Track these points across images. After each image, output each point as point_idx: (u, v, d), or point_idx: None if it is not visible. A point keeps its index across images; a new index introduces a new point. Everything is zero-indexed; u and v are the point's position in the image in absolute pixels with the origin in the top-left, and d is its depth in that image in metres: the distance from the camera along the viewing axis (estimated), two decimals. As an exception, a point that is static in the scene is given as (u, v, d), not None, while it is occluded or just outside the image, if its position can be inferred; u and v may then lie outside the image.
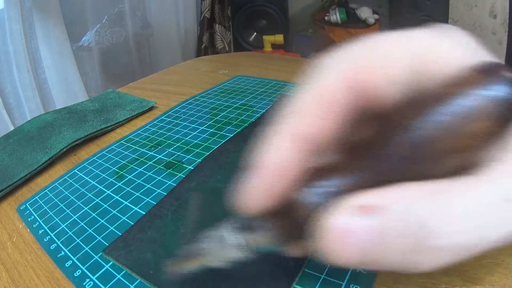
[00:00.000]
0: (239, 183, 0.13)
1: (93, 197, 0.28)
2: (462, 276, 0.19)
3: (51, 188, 0.30)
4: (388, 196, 0.11)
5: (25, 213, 0.27)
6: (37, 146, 0.36)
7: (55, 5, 0.89)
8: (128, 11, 1.16)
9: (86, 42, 1.05)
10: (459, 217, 0.10)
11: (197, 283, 0.19)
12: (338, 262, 0.11)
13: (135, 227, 0.23)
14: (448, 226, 0.10)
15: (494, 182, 0.11)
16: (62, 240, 0.24)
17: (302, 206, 0.12)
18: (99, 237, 0.24)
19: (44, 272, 0.22)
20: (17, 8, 0.80)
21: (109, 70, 1.14)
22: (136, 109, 0.44)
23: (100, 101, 0.47)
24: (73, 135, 0.37)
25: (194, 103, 0.45)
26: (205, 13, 1.43)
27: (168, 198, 0.26)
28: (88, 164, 0.33)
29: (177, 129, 0.38)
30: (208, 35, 1.47)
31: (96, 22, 1.07)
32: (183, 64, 0.68)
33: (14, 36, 0.81)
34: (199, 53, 1.47)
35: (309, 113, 0.12)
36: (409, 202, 0.10)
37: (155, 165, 0.32)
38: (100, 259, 0.22)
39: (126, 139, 0.37)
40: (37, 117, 0.41)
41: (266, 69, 0.60)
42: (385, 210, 0.10)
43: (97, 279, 0.20)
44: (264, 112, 0.40)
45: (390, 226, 0.10)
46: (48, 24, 0.88)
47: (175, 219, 0.24)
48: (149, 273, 0.20)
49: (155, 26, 1.29)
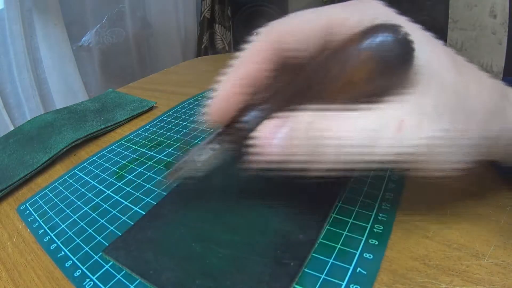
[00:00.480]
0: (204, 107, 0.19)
1: (93, 197, 0.28)
2: (462, 276, 0.19)
3: (51, 188, 0.30)
4: (295, 116, 0.16)
5: (25, 213, 0.27)
6: (37, 146, 0.36)
7: (55, 5, 0.89)
8: (128, 11, 1.16)
9: (86, 42, 1.05)
10: (346, 130, 0.15)
11: (197, 283, 0.19)
12: (263, 163, 0.16)
13: (135, 227, 0.23)
14: (334, 134, 0.15)
15: (378, 122, 0.15)
16: (62, 240, 0.24)
17: (242, 126, 0.18)
18: (99, 237, 0.24)
19: (44, 272, 0.22)
20: (17, 8, 0.80)
21: (109, 70, 1.14)
22: (136, 109, 0.44)
23: (100, 101, 0.47)
24: (73, 135, 0.37)
25: (194, 103, 0.45)
26: (205, 13, 1.43)
27: (168, 198, 0.26)
28: (88, 164, 0.33)
29: (177, 129, 0.38)
30: (208, 35, 1.47)
31: (96, 22, 1.07)
32: (183, 64, 0.68)
33: (14, 36, 0.82)
34: (199, 53, 1.47)
35: (243, 63, 0.17)
36: (309, 118, 0.15)
37: (155, 165, 0.32)
38: (100, 259, 0.22)
39: (126, 139, 0.37)
40: (37, 117, 0.41)
41: (266, 69, 0.60)
42: (292, 124, 0.15)
43: (97, 279, 0.20)
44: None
45: (296, 134, 0.15)
46: (48, 24, 0.88)
47: (175, 219, 0.24)
48: (149, 273, 0.20)
49: (155, 26, 1.29)
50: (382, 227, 0.22)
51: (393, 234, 0.22)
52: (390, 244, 0.21)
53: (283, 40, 0.17)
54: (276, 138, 0.16)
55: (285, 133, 0.16)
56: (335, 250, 0.21)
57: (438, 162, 0.15)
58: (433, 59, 0.15)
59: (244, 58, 0.17)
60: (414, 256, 0.20)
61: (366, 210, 0.24)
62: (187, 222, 0.23)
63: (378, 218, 0.23)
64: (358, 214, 0.24)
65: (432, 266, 0.20)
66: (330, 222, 0.23)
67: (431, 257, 0.20)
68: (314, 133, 0.15)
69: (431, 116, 0.15)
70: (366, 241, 0.21)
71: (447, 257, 0.20)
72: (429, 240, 0.21)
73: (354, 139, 0.15)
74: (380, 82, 0.14)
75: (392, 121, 0.14)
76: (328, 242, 0.22)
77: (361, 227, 0.23)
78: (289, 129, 0.16)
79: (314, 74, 0.16)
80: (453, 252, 0.20)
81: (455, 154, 0.15)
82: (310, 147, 0.15)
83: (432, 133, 0.15)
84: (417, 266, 0.20)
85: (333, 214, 0.24)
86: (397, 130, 0.14)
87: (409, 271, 0.19)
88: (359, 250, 0.21)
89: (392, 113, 0.15)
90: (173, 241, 0.22)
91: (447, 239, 0.21)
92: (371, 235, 0.22)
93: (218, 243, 0.21)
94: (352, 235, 0.22)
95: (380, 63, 0.14)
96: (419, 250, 0.21)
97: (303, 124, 0.15)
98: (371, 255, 0.20)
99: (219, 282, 0.19)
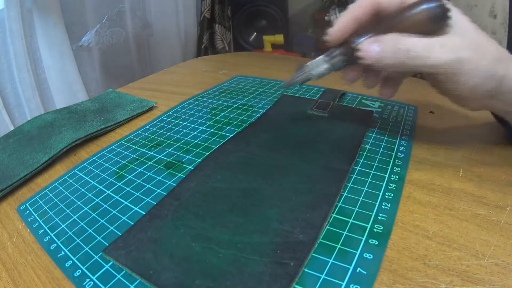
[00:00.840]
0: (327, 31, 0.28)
1: (93, 197, 0.28)
2: (462, 276, 0.19)
3: (51, 188, 0.30)
4: (383, 36, 0.25)
5: (25, 213, 0.27)
6: (37, 146, 0.36)
7: (55, 5, 0.89)
8: (128, 11, 1.16)
9: (86, 42, 1.05)
10: (415, 44, 0.24)
11: (197, 283, 0.19)
12: (367, 62, 0.26)
13: (135, 227, 0.23)
14: (407, 44, 0.24)
15: (430, 42, 0.24)
16: (62, 240, 0.24)
17: (351, 43, 0.27)
18: (99, 237, 0.24)
19: (44, 272, 0.22)
20: (17, 8, 0.80)
21: (109, 70, 1.14)
22: (136, 109, 0.44)
23: (100, 101, 0.47)
24: (73, 135, 0.37)
25: (194, 103, 0.45)
26: (205, 13, 1.43)
27: (168, 198, 0.26)
28: (88, 164, 0.33)
29: (177, 129, 0.38)
30: (208, 35, 1.47)
31: (96, 22, 1.07)
32: (183, 64, 0.68)
33: (14, 36, 0.81)
34: (199, 53, 1.47)
35: (354, 8, 0.28)
36: (394, 38, 0.25)
37: (155, 165, 0.32)
38: (100, 259, 0.22)
39: (126, 139, 0.37)
40: (37, 117, 0.41)
41: (266, 69, 0.60)
42: (382, 39, 0.25)
43: (97, 279, 0.20)
44: (264, 112, 0.40)
45: (384, 44, 0.25)
46: (48, 24, 0.88)
47: (175, 219, 0.24)
48: (149, 273, 0.20)
49: (155, 26, 1.29)
50: (382, 227, 0.22)
51: (393, 234, 0.22)
52: (390, 244, 0.21)
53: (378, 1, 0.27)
54: (373, 46, 0.25)
55: (378, 44, 0.25)
56: (335, 250, 0.21)
57: (465, 78, 0.24)
58: (460, 20, 0.25)
59: (355, 6, 0.28)
60: (414, 256, 0.20)
61: (366, 210, 0.24)
62: (187, 222, 0.23)
63: (378, 218, 0.23)
64: (358, 214, 0.24)
65: (432, 266, 0.20)
66: (330, 222, 0.23)
67: (431, 257, 0.20)
68: (395, 43, 0.25)
69: (460, 47, 0.24)
70: (366, 241, 0.21)
71: (447, 257, 0.20)
72: (429, 240, 0.21)
73: (418, 47, 0.24)
74: (430, 27, 0.25)
75: (439, 42, 0.24)
76: (328, 242, 0.22)
77: (361, 227, 0.23)
78: (381, 41, 0.25)
79: (394, 19, 0.26)
80: (453, 252, 0.20)
81: (475, 75, 0.24)
82: (393, 51, 0.25)
83: (461, 55, 0.24)
84: (417, 266, 0.20)
85: (333, 214, 0.24)
86: (441, 47, 0.24)
87: (409, 271, 0.19)
88: (359, 250, 0.21)
89: (438, 39, 0.24)
90: (173, 241, 0.22)
91: (447, 239, 0.21)
92: (371, 235, 0.22)
93: (218, 243, 0.21)
94: (352, 235, 0.22)
95: (430, 17, 0.24)
96: (419, 250, 0.21)
97: (389, 38, 0.25)
98: (371, 255, 0.20)
99: (219, 282, 0.19)
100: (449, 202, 0.25)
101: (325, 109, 0.38)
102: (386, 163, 0.29)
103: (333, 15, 1.55)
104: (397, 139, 0.33)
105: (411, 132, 0.34)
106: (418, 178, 0.27)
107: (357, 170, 0.28)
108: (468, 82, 0.24)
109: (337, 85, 0.44)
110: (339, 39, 0.28)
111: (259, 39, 1.62)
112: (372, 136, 0.33)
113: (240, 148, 0.32)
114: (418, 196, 0.25)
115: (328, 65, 0.29)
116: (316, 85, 0.48)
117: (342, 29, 0.28)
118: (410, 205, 0.25)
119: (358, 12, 0.27)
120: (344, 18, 0.28)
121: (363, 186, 0.26)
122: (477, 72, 0.24)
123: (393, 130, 0.35)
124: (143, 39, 1.28)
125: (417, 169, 0.28)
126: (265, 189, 0.26)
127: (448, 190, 0.26)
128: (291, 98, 0.43)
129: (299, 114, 0.38)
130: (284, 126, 0.36)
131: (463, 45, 0.24)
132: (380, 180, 0.27)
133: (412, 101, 0.41)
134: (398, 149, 0.31)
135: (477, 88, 0.25)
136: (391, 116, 0.38)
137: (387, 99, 0.42)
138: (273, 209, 0.24)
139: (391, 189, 0.26)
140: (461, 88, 0.25)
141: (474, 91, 0.25)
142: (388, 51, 0.25)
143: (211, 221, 0.23)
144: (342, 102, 0.42)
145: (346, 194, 0.26)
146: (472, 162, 0.29)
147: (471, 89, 0.25)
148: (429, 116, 0.38)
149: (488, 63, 0.24)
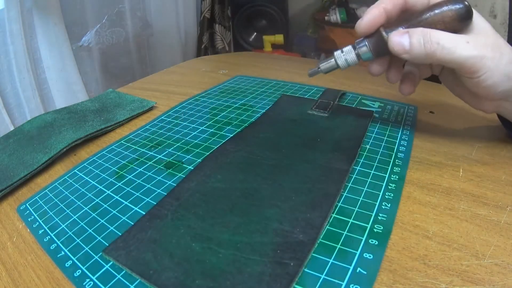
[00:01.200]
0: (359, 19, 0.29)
1: (93, 197, 0.28)
2: (462, 276, 0.19)
3: (51, 188, 0.30)
4: (413, 29, 0.27)
5: (25, 213, 0.27)
6: (37, 146, 0.36)
7: (55, 5, 0.89)
8: (128, 11, 1.16)
9: (86, 42, 1.05)
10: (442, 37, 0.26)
11: (197, 283, 0.19)
12: (397, 53, 0.27)
13: (135, 227, 0.23)
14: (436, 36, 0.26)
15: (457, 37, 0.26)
16: (62, 240, 0.24)
17: (383, 35, 0.28)
18: (99, 237, 0.24)
19: (44, 272, 0.22)
20: (17, 8, 0.80)
21: (109, 70, 1.14)
22: (136, 109, 0.44)
23: (100, 101, 0.47)
24: (73, 135, 0.37)
25: (194, 103, 0.45)
26: (205, 13, 1.43)
27: (168, 198, 0.26)
28: (88, 164, 0.33)
29: (177, 129, 0.38)
30: (208, 35, 1.47)
31: (96, 22, 1.07)
32: (183, 64, 0.68)
33: (14, 36, 0.81)
34: (199, 53, 1.47)
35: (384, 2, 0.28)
36: (424, 30, 0.26)
37: (155, 165, 0.32)
38: (100, 259, 0.22)
39: (126, 139, 0.37)
40: (37, 117, 0.41)
41: (266, 69, 0.60)
42: (412, 31, 0.26)
43: (97, 279, 0.20)
44: (264, 112, 0.40)
45: (414, 36, 0.26)
46: (48, 24, 0.88)
47: (175, 219, 0.24)
48: (149, 273, 0.20)
49: (155, 26, 1.29)
50: (382, 227, 0.22)
51: (393, 234, 0.22)
52: (390, 244, 0.21)
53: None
54: (404, 37, 0.27)
55: (409, 35, 0.26)
56: (335, 250, 0.21)
57: (486, 75, 0.25)
58: (481, 21, 0.27)
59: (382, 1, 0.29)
60: (414, 256, 0.20)
61: (366, 210, 0.24)
62: (187, 222, 0.23)
63: (378, 218, 0.23)
64: (358, 214, 0.24)
65: (432, 266, 0.20)
66: (330, 222, 0.23)
67: (431, 257, 0.20)
68: (425, 34, 0.26)
69: (483, 45, 0.25)
70: (366, 241, 0.21)
71: (447, 257, 0.20)
72: (429, 240, 0.21)
73: (446, 40, 0.25)
74: (455, 26, 0.26)
75: (464, 39, 0.25)
76: (328, 242, 0.22)
77: (361, 227, 0.23)
78: (412, 32, 0.26)
79: (422, 15, 0.27)
80: (453, 252, 0.20)
81: (494, 74, 0.25)
82: (422, 42, 0.26)
83: (484, 52, 0.25)
84: (417, 266, 0.20)
85: (333, 214, 0.24)
86: (466, 43, 0.25)
87: (409, 271, 0.19)
88: (359, 250, 0.21)
89: (463, 36, 0.26)
90: (173, 241, 0.22)
91: (447, 239, 0.21)
92: (371, 235, 0.22)
93: (218, 243, 0.21)
94: (352, 235, 0.22)
95: (458, 15, 0.26)
96: (419, 250, 0.21)
97: (419, 30, 0.26)
98: (371, 255, 0.20)
99: (219, 282, 0.19)
100: (449, 202, 0.25)
101: (325, 109, 0.38)
102: (386, 163, 0.29)
103: (333, 15, 1.55)
104: (397, 139, 0.33)
105: (411, 132, 0.34)
106: (418, 178, 0.27)
107: (357, 170, 0.28)
108: (487, 80, 0.26)
109: (337, 85, 0.44)
110: (369, 30, 0.29)
111: (259, 39, 1.62)
112: (372, 136, 0.33)
113: (240, 148, 0.32)
114: (418, 196, 0.25)
115: (355, 54, 0.30)
116: (316, 85, 0.48)
117: (373, 20, 0.28)
118: (410, 205, 0.25)
119: (388, 5, 0.28)
120: (375, 9, 0.28)
121: (363, 186, 0.26)
122: (496, 71, 0.25)
123: (393, 130, 0.35)
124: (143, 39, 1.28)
125: (417, 169, 0.28)
126: (265, 189, 0.26)
127: (448, 190, 0.26)
128: (291, 98, 0.43)
129: (299, 114, 0.38)
130: (284, 126, 0.36)
131: (486, 44, 0.25)
132: (380, 180, 0.27)
133: (412, 101, 0.41)
134: (398, 149, 0.31)
135: (494, 87, 0.26)
136: (391, 116, 0.38)
137: (387, 99, 0.42)
138: (273, 209, 0.24)
139: (391, 189, 0.26)
140: (480, 85, 0.26)
141: (491, 90, 0.26)
142: (418, 42, 0.26)
143: (211, 221, 0.23)
144: (342, 102, 0.42)
145: (346, 194, 0.26)
146: (472, 162, 0.29)
147: (489, 88, 0.26)
148: (429, 116, 0.38)
149: (506, 64, 0.25)
